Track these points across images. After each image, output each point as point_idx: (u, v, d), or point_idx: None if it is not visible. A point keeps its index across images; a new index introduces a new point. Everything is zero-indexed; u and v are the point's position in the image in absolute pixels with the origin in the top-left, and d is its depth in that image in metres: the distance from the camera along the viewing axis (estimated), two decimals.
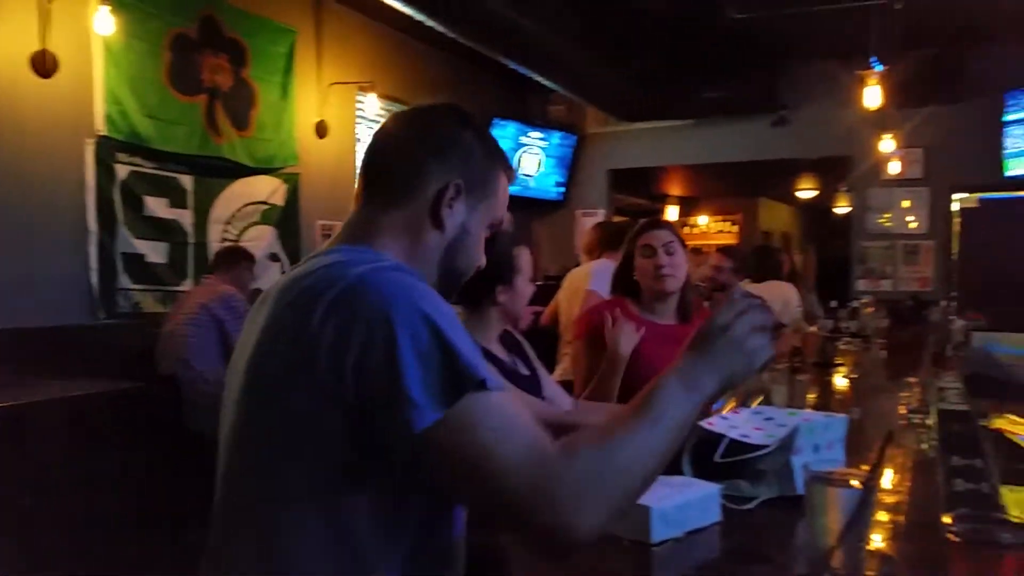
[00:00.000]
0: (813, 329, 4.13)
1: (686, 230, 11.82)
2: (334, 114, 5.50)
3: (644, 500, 1.28)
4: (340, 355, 0.86)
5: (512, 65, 5.23)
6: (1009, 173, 6.14)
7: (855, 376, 3.22)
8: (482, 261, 1.16)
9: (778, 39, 6.06)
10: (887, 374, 3.48)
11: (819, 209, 12.49)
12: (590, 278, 3.66)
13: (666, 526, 1.23)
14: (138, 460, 3.41)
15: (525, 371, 1.92)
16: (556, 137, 7.48)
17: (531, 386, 1.86)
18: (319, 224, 5.39)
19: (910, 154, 6.55)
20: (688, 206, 11.73)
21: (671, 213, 11.16)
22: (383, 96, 5.70)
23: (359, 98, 5.66)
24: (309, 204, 5.31)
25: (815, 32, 5.79)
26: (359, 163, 5.68)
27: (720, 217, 11.80)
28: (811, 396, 2.72)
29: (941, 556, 0.89)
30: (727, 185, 10.34)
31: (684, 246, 2.36)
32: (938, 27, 5.61)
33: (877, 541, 1.23)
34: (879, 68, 3.79)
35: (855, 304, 5.65)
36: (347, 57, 5.61)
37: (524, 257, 1.87)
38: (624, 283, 2.35)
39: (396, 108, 6.17)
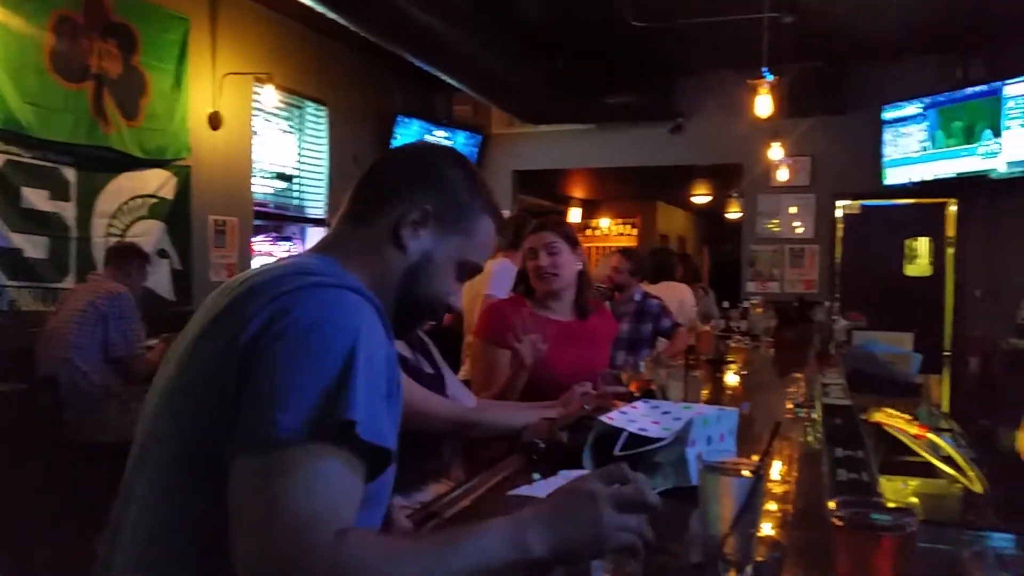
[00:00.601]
0: (706, 328, 4.29)
1: (588, 232, 12.05)
2: (229, 105, 5.31)
3: (541, 494, 1.30)
4: (252, 349, 0.86)
5: (417, 62, 5.18)
6: (887, 182, 6.55)
7: (745, 373, 3.35)
8: (448, 299, 1.14)
9: (675, 49, 6.27)
10: (775, 371, 3.64)
11: (713, 214, 13.01)
12: (489, 280, 3.67)
13: None
14: (16, 466, 3.19)
15: (429, 369, 1.90)
16: (461, 137, 7.48)
17: (435, 384, 1.85)
18: (211, 219, 5.18)
19: (798, 162, 6.90)
20: (590, 208, 11.97)
21: (574, 215, 11.35)
22: (281, 88, 5.54)
23: (256, 89, 5.48)
24: (201, 198, 5.10)
25: (709, 43, 6.01)
26: (255, 156, 5.52)
27: (620, 220, 12.09)
28: (705, 391, 2.82)
29: (825, 540, 0.93)
30: (627, 189, 10.61)
31: (573, 244, 2.38)
32: (824, 42, 5.94)
33: (767, 528, 1.29)
34: (769, 78, 3.98)
35: (745, 305, 5.90)
36: (243, 47, 5.42)
37: None
38: (523, 284, 2.39)
39: (295, 101, 6.02)
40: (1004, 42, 5.81)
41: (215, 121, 5.20)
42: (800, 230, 7.16)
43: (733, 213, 11.06)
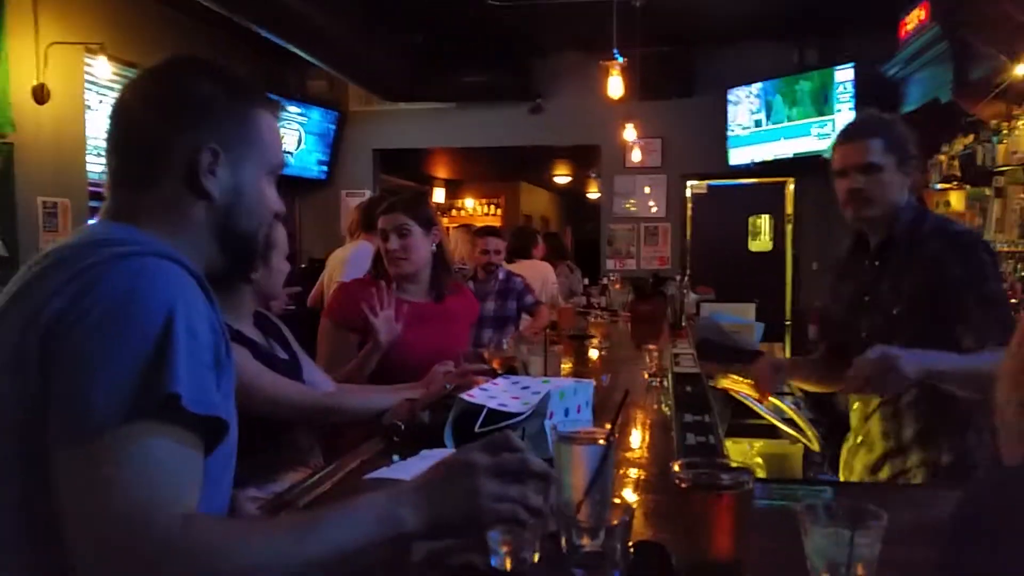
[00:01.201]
0: (567, 305, 4.39)
1: (453, 212, 12.03)
2: (57, 78, 4.85)
3: (400, 475, 1.28)
4: (55, 330, 0.79)
5: (265, 34, 4.94)
6: (732, 162, 6.93)
7: (605, 346, 3.46)
8: (269, 214, 1.05)
9: (532, 29, 6.33)
10: (632, 344, 3.78)
11: (575, 194, 13.32)
12: (344, 266, 3.57)
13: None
14: None
15: (283, 355, 1.82)
16: (316, 113, 7.22)
17: (290, 369, 1.78)
18: (40, 200, 4.74)
19: (650, 144, 7.16)
20: (454, 188, 11.95)
21: (438, 195, 11.29)
22: (115, 59, 5.13)
23: (87, 61, 5.04)
24: (27, 178, 4.65)
25: (564, 24, 6.11)
26: (90, 132, 5.07)
27: (485, 200, 12.15)
28: (567, 365, 2.89)
29: (673, 502, 0.96)
30: (490, 169, 10.65)
31: (427, 225, 2.31)
32: (673, 26, 6.18)
33: (621, 493, 1.33)
34: (620, 60, 4.09)
35: (604, 281, 6.10)
36: (70, 15, 4.97)
37: (279, 232, 1.77)
38: (379, 264, 2.34)
39: (132, 74, 5.59)
40: (835, 30, 6.26)
41: (41, 95, 4.75)
42: (654, 209, 7.45)
43: (593, 193, 11.37)
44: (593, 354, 3.35)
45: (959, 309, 1.73)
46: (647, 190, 7.43)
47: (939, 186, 5.10)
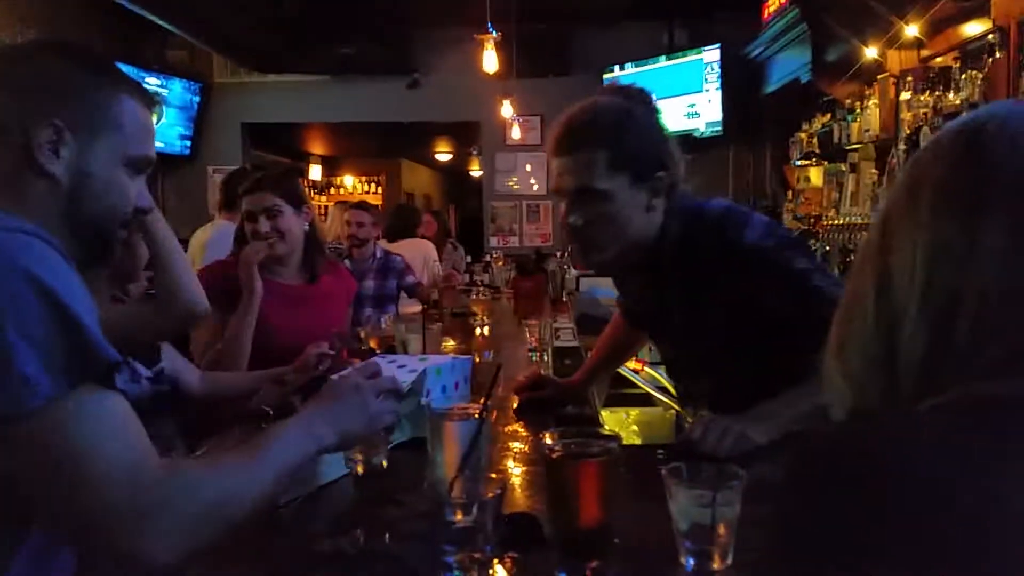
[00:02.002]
0: (450, 285, 4.37)
1: (332, 190, 11.72)
2: None
3: None
4: None
5: (120, 0, 4.60)
6: None
7: (487, 323, 3.46)
8: (124, 206, 0.99)
9: (408, 1, 6.19)
10: (515, 320, 3.80)
11: (458, 171, 13.26)
12: (203, 251, 3.35)
13: (291, 485, 1.18)
14: None
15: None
16: (177, 85, 6.80)
17: (147, 356, 1.67)
18: None
19: (530, 121, 7.20)
20: (332, 165, 11.62)
21: (314, 172, 10.96)
22: None
23: None
24: None
25: None
26: None
27: (365, 177, 11.89)
28: (451, 343, 2.88)
29: (543, 472, 0.96)
30: (369, 145, 10.42)
31: (298, 203, 2.19)
32: (549, 5, 6.21)
33: (501, 466, 1.33)
34: (494, 34, 4.07)
35: (487, 259, 6.11)
36: None
37: None
38: (243, 245, 2.17)
39: None
40: (704, 12, 6.47)
41: None
42: (536, 187, 7.51)
43: (476, 171, 11.35)
44: (476, 331, 3.34)
45: (788, 329, 1.34)
46: (528, 167, 7.48)
47: (799, 163, 5.39)
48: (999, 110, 0.62)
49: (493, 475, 1.07)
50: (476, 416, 1.05)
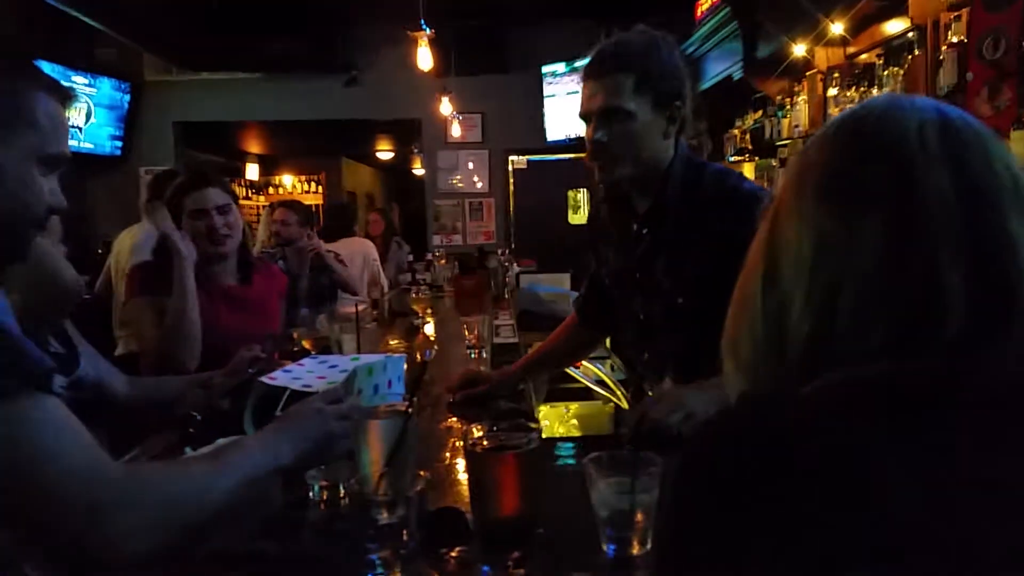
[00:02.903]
0: (384, 283, 4.35)
1: (271, 190, 11.51)
2: None
3: None
4: None
5: None
6: (550, 138, 7.11)
7: (428, 321, 3.46)
8: (36, 205, 0.95)
9: None
10: (457, 318, 3.80)
11: (400, 170, 13.15)
12: (134, 253, 3.25)
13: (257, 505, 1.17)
14: None
15: (58, 347, 1.65)
16: (106, 84, 6.58)
17: (63, 364, 1.62)
18: None
19: (470, 119, 7.19)
20: (269, 165, 11.41)
21: (251, 171, 10.75)
22: None
23: None
24: None
25: None
26: None
27: (304, 177, 11.71)
28: (395, 341, 2.87)
29: (472, 466, 0.97)
30: (307, 144, 10.25)
31: (236, 200, 2.23)
32: (485, 3, 6.21)
33: (439, 462, 1.33)
34: (427, 31, 4.06)
35: (429, 257, 6.09)
36: None
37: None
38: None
39: None
40: (638, 10, 6.53)
41: None
42: (479, 185, 7.51)
43: (419, 169, 11.29)
44: (416, 329, 3.33)
45: None
46: (470, 165, 7.47)
47: (733, 158, 5.51)
48: (878, 103, 0.64)
49: (421, 472, 1.07)
50: (402, 413, 1.05)
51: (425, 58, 4.06)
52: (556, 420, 2.83)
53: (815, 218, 0.61)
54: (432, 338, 3.22)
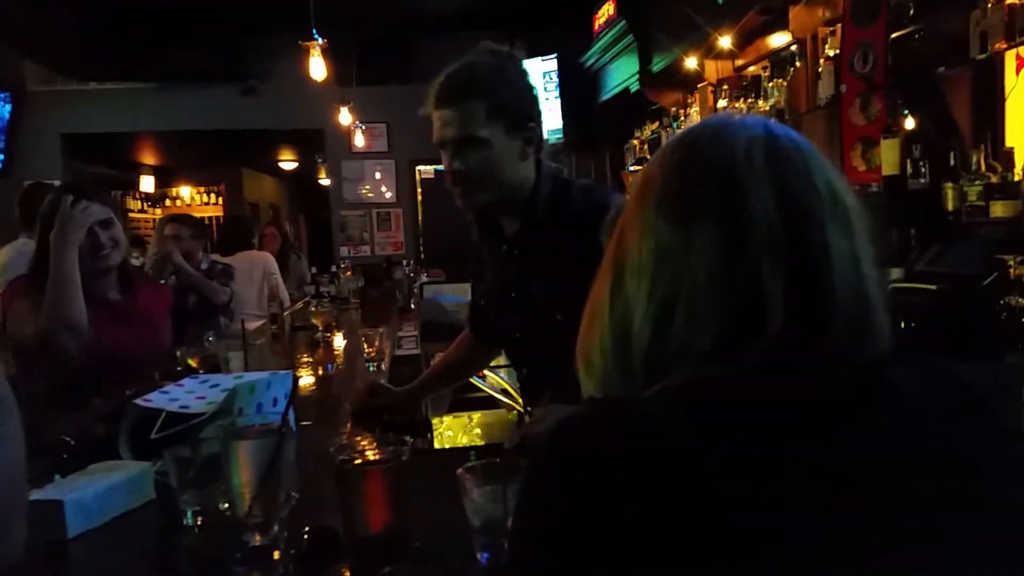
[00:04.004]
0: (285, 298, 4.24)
1: (168, 203, 11.09)
2: None
3: (55, 494, 1.14)
4: None
5: None
6: None
7: (328, 335, 3.39)
8: None
9: (237, 6, 5.96)
10: (361, 330, 3.75)
11: (306, 180, 12.88)
12: (6, 273, 3.05)
13: (85, 517, 1.11)
14: None
15: None
16: None
17: None
18: None
19: (375, 128, 7.13)
20: (165, 176, 10.98)
21: (147, 184, 10.32)
22: None
23: None
24: None
25: (270, 4, 5.82)
26: None
27: (203, 188, 11.33)
28: (306, 356, 2.82)
29: (345, 484, 0.95)
30: (205, 155, 9.91)
31: (114, 210, 2.18)
32: (388, 13, 6.18)
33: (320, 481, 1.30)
34: (320, 41, 4.01)
35: (334, 269, 5.99)
36: None
37: None
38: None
39: None
40: (540, 23, 6.64)
41: None
42: (388, 195, 7.45)
43: (325, 180, 11.09)
44: (317, 344, 3.27)
45: None
46: (377, 175, 7.40)
47: (633, 168, 5.65)
48: (713, 121, 0.68)
49: (294, 493, 1.05)
50: (275, 432, 1.02)
51: (318, 68, 4.01)
52: (459, 430, 2.83)
53: (654, 230, 0.64)
54: (336, 352, 3.17)
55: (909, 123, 2.76)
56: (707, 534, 0.52)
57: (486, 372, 2.97)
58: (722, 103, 4.24)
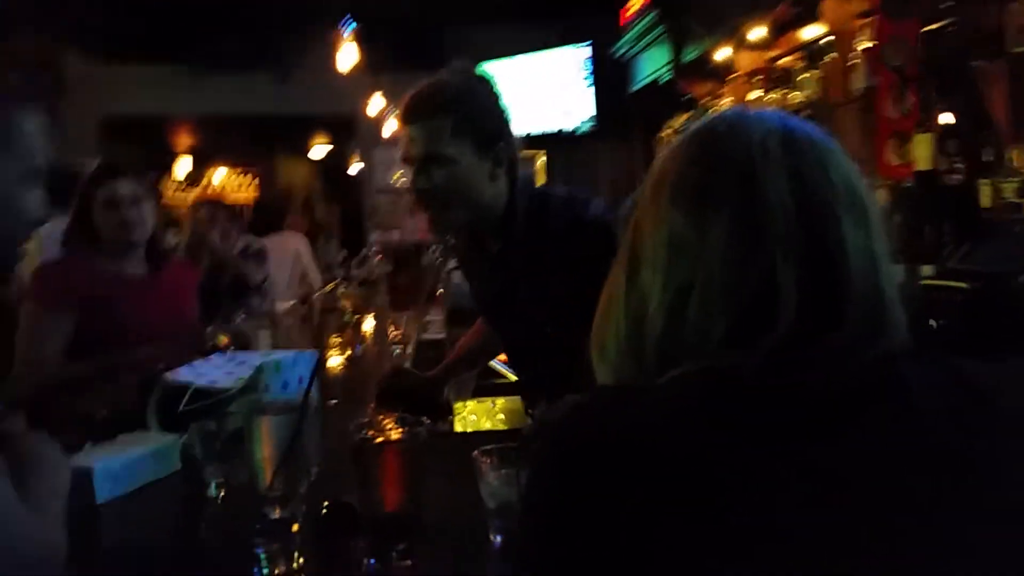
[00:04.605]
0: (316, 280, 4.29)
1: (202, 185, 11.22)
2: None
3: (85, 462, 1.18)
4: None
5: None
6: None
7: (356, 317, 3.44)
8: (27, 220, 0.96)
9: None
10: (388, 313, 3.79)
11: (338, 166, 12.96)
12: (40, 250, 3.11)
13: (113, 484, 1.15)
14: None
15: None
16: (20, 75, 6.35)
17: None
18: None
19: None
20: (201, 160, 11.12)
21: (182, 167, 10.47)
22: None
23: None
24: None
25: None
26: None
27: (238, 172, 11.46)
28: (337, 338, 2.87)
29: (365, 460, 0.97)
30: (241, 139, 10.01)
31: (150, 189, 2.19)
32: (420, 1, 6.19)
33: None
34: (351, 28, 4.04)
35: (365, 253, 6.05)
36: None
37: None
38: (82, 238, 2.08)
39: None
40: (574, 11, 6.61)
41: None
42: None
43: (358, 164, 11.16)
44: (346, 326, 3.32)
45: None
46: None
47: None
48: (729, 115, 0.68)
49: (314, 468, 1.08)
50: (296, 408, 1.05)
51: (349, 56, 4.04)
52: (483, 414, 2.86)
53: (669, 221, 0.64)
54: (364, 334, 3.21)
55: (943, 118, 2.71)
56: (698, 529, 0.53)
57: None
58: (754, 94, 4.19)
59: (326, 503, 1.00)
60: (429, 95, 1.45)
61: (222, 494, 1.15)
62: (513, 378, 2.91)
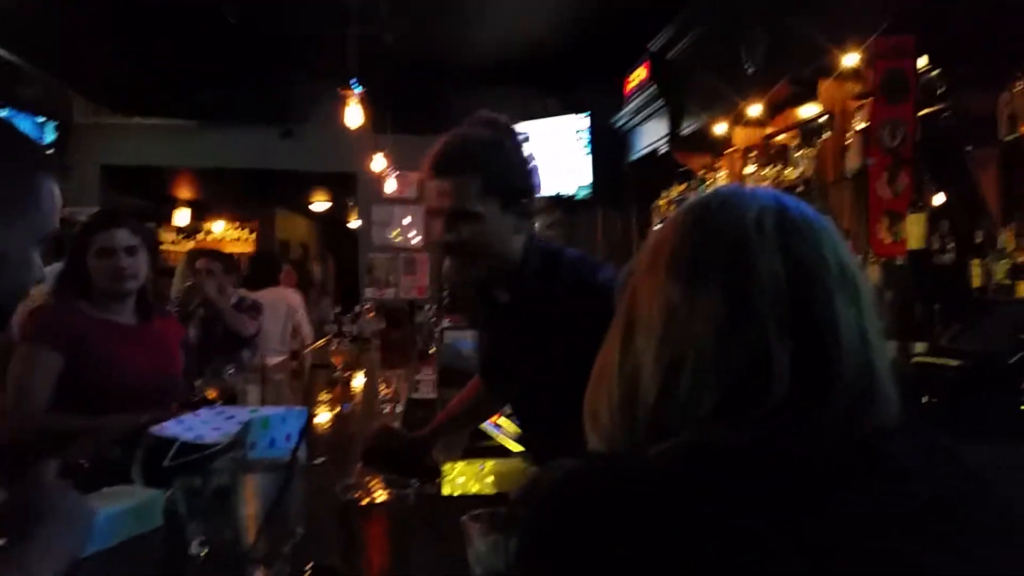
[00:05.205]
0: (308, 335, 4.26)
1: (200, 236, 11.29)
2: None
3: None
4: None
5: None
6: None
7: (346, 374, 3.42)
8: (31, 282, 0.97)
9: (279, 52, 6.15)
10: (379, 371, 3.77)
11: (336, 221, 13.08)
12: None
13: (94, 537, 1.12)
14: None
15: None
16: (26, 121, 6.41)
17: None
18: None
19: (407, 176, 7.25)
20: (200, 211, 11.21)
21: (182, 217, 10.55)
22: None
23: None
24: None
25: (309, 51, 6.00)
26: None
27: (236, 225, 11.54)
28: (325, 394, 2.84)
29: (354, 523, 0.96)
30: (241, 193, 10.14)
31: (149, 242, 2.22)
32: (427, 65, 6.34)
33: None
34: (358, 90, 4.13)
35: (358, 310, 6.05)
36: None
37: None
38: (75, 284, 2.10)
39: None
40: (574, 82, 6.78)
41: None
42: (416, 240, 7.54)
43: (355, 222, 11.26)
44: (335, 382, 3.29)
45: None
46: (406, 221, 7.51)
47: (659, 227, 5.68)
48: (723, 191, 0.70)
49: (299, 529, 1.06)
50: (283, 467, 1.03)
51: (355, 116, 4.12)
52: (471, 477, 2.81)
53: (664, 292, 0.65)
54: (353, 391, 3.18)
55: (936, 199, 2.77)
56: None
57: (502, 421, 2.96)
58: (749, 169, 4.27)
59: (309, 565, 0.98)
60: (459, 152, 1.44)
61: (204, 552, 1.13)
62: (502, 440, 2.89)
